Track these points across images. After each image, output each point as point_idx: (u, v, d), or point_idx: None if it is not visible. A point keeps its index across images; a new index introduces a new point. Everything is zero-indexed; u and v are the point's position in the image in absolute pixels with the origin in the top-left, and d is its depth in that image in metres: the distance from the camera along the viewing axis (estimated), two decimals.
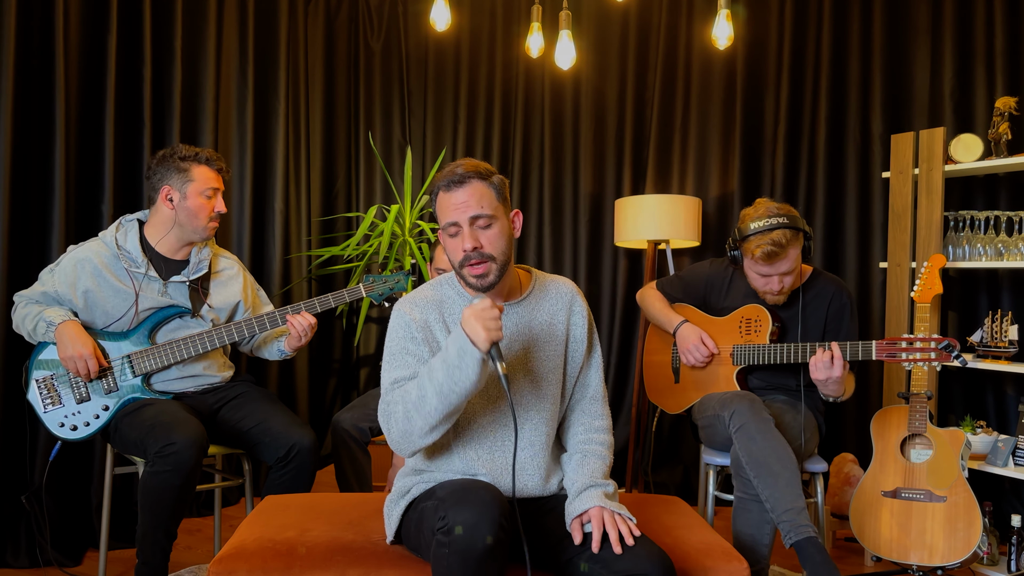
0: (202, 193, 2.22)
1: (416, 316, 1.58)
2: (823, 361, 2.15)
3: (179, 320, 2.25)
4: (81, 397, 2.16)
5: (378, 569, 1.53)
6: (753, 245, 2.25)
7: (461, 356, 1.40)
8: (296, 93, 3.62)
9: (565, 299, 1.69)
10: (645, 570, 1.39)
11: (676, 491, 3.57)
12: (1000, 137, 2.84)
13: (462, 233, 1.51)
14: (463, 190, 1.50)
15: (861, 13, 3.41)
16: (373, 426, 2.63)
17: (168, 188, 2.22)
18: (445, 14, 2.95)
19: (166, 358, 2.20)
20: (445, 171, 1.54)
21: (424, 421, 1.45)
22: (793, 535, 1.96)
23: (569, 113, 3.88)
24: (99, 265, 2.19)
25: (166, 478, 1.95)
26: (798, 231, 2.25)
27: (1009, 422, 3.04)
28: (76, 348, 2.08)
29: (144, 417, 2.07)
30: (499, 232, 1.53)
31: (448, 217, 1.52)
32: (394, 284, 2.39)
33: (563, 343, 1.67)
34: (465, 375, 1.40)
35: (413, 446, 1.50)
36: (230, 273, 2.41)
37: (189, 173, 2.21)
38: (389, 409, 1.51)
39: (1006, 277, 3.10)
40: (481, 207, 1.50)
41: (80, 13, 2.73)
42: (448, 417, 1.46)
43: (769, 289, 2.32)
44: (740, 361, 2.39)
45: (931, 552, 2.29)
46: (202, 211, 2.23)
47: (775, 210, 2.26)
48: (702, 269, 2.59)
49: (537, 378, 1.63)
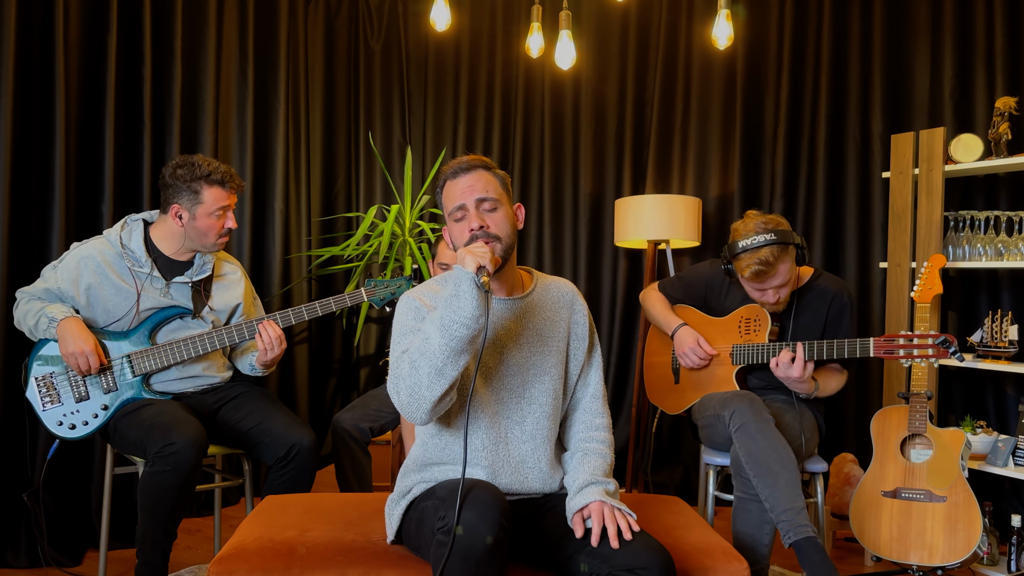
0: (211, 214, 2.21)
1: (425, 301, 1.60)
2: (783, 362, 2.18)
3: (180, 321, 2.26)
4: (80, 396, 2.16)
5: (378, 569, 1.53)
6: (743, 264, 2.26)
7: (456, 284, 1.42)
8: (296, 93, 3.62)
9: (566, 298, 1.71)
10: (644, 564, 1.40)
11: (676, 491, 3.57)
12: (1000, 137, 2.84)
13: (468, 215, 1.55)
14: (469, 176, 1.56)
15: (861, 13, 3.41)
16: (373, 426, 2.64)
17: (178, 207, 2.21)
18: (445, 14, 2.95)
19: (166, 358, 2.20)
20: (450, 163, 1.60)
21: (430, 364, 1.42)
22: (792, 535, 1.96)
23: (569, 113, 3.88)
24: (102, 263, 2.19)
25: (166, 478, 1.95)
26: (787, 245, 2.24)
27: (1009, 422, 3.04)
28: (78, 344, 2.08)
29: (143, 417, 2.07)
30: (504, 216, 1.57)
31: (455, 201, 1.56)
32: (395, 289, 2.40)
33: (564, 340, 1.68)
34: (462, 301, 1.40)
35: (423, 401, 1.45)
36: (233, 278, 2.41)
37: (200, 195, 2.19)
38: (397, 371, 1.50)
39: (1006, 277, 3.10)
40: (487, 191, 1.56)
41: (80, 13, 2.73)
42: (453, 357, 1.42)
43: (765, 301, 2.34)
44: (739, 361, 2.39)
45: (931, 552, 2.29)
46: (211, 231, 2.23)
47: (762, 226, 2.24)
48: (702, 270, 2.60)
49: (540, 372, 1.63)
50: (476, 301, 1.40)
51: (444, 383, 1.44)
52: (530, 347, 1.63)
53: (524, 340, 1.63)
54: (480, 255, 1.45)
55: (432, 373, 1.43)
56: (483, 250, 1.47)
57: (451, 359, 1.42)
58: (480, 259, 1.44)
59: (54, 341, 2.14)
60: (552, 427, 1.65)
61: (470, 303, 1.40)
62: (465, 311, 1.40)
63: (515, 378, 1.62)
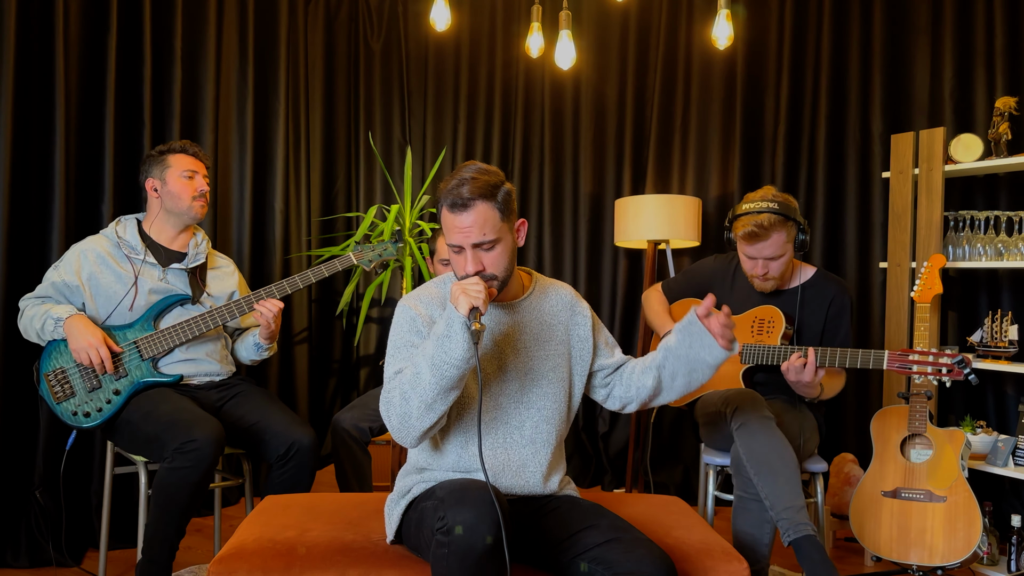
0: (180, 176, 2.34)
1: (421, 311, 1.59)
2: (795, 367, 2.18)
3: (180, 308, 2.33)
4: (92, 386, 2.20)
5: (378, 569, 1.53)
6: (740, 224, 2.32)
7: (449, 325, 1.43)
8: (296, 93, 3.62)
9: (565, 301, 1.72)
10: (647, 571, 1.39)
11: (676, 491, 3.57)
12: (1000, 137, 2.84)
13: (465, 255, 1.54)
14: (467, 214, 1.51)
15: (861, 13, 3.41)
16: (373, 426, 2.64)
17: (151, 180, 2.36)
18: (445, 14, 2.95)
19: (170, 341, 2.26)
20: (452, 184, 1.52)
21: (419, 399, 1.45)
22: (791, 533, 1.96)
23: (569, 113, 3.88)
24: (101, 252, 2.29)
25: (185, 474, 1.97)
26: (787, 219, 2.28)
27: (1009, 422, 3.04)
28: (86, 338, 2.14)
29: (160, 414, 2.09)
30: (502, 252, 1.55)
31: (452, 239, 1.54)
32: (382, 251, 2.49)
33: (565, 344, 1.69)
34: (453, 343, 1.41)
35: (412, 430, 1.49)
36: (227, 270, 2.50)
37: (166, 160, 2.35)
38: (389, 396, 1.52)
39: (1006, 277, 3.10)
40: (484, 233, 1.51)
41: (80, 13, 2.73)
42: (443, 394, 1.45)
43: (754, 273, 2.36)
44: (748, 360, 2.38)
45: (931, 552, 2.29)
46: (184, 192, 2.34)
47: (770, 196, 2.31)
48: (706, 264, 2.64)
49: (537, 376, 1.64)
50: (467, 344, 1.41)
51: (433, 416, 1.47)
52: (527, 352, 1.64)
53: (522, 346, 1.64)
54: (474, 296, 1.44)
55: (422, 407, 1.46)
56: (478, 288, 1.45)
57: (441, 396, 1.45)
58: (474, 300, 1.43)
59: (62, 341, 2.18)
60: (551, 431, 1.65)
61: (460, 346, 1.41)
62: (455, 353, 1.42)
63: (513, 383, 1.62)
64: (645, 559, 1.41)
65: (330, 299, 3.80)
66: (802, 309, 2.40)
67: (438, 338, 1.44)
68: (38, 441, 2.59)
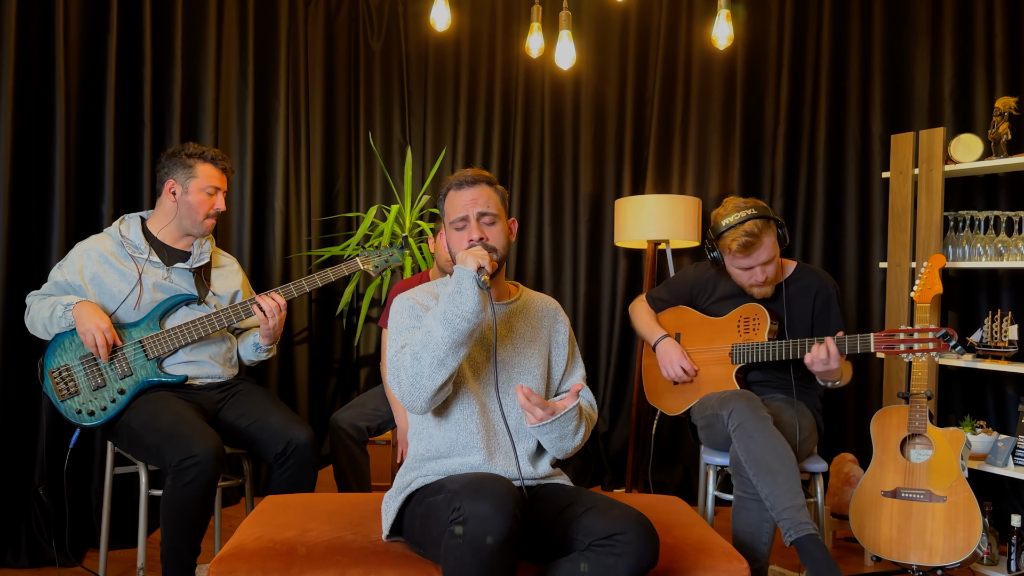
0: (203, 190, 2.31)
1: (418, 300, 1.70)
2: (820, 358, 2.18)
3: (186, 308, 2.32)
4: (97, 384, 2.19)
5: (378, 569, 1.54)
6: (729, 240, 2.31)
7: (459, 282, 1.54)
8: (296, 93, 3.62)
9: (549, 310, 1.83)
10: (621, 528, 1.43)
11: (676, 491, 3.57)
12: (1000, 137, 2.84)
13: (469, 226, 1.67)
14: (473, 189, 1.68)
15: (861, 13, 3.42)
16: (371, 425, 2.64)
17: (172, 182, 2.32)
18: (445, 14, 2.95)
19: (176, 341, 2.25)
20: (456, 175, 1.72)
21: (431, 355, 1.53)
22: (793, 532, 1.96)
23: (569, 113, 3.88)
24: (104, 251, 2.28)
25: (190, 490, 1.96)
26: (769, 219, 2.30)
27: (1009, 422, 3.04)
28: (93, 320, 2.13)
29: (160, 423, 2.08)
30: (501, 230, 1.70)
31: (458, 212, 1.68)
32: (388, 257, 2.49)
33: (546, 345, 1.79)
34: (464, 297, 1.52)
35: (424, 391, 1.55)
36: (231, 268, 2.49)
37: (193, 169, 2.31)
38: (397, 364, 1.59)
39: (1006, 277, 3.10)
40: (488, 206, 1.68)
41: (80, 13, 2.73)
42: (454, 349, 1.53)
43: (754, 282, 2.36)
44: (739, 360, 2.40)
45: (931, 552, 2.29)
46: (201, 207, 2.32)
47: (742, 204, 2.33)
48: (687, 274, 2.66)
49: (523, 371, 1.73)
50: (477, 297, 1.52)
51: (445, 373, 1.55)
52: (514, 347, 1.73)
53: (509, 341, 1.73)
54: (480, 256, 1.57)
55: (434, 364, 1.53)
56: (483, 252, 1.59)
57: (452, 351, 1.53)
58: (480, 260, 1.56)
59: (69, 335, 2.18)
60: None
61: (472, 298, 1.52)
62: (467, 306, 1.52)
63: (501, 374, 1.70)
64: (619, 519, 1.45)
65: (330, 299, 3.80)
66: (788, 303, 2.42)
67: (449, 295, 1.54)
68: (39, 440, 2.59)
